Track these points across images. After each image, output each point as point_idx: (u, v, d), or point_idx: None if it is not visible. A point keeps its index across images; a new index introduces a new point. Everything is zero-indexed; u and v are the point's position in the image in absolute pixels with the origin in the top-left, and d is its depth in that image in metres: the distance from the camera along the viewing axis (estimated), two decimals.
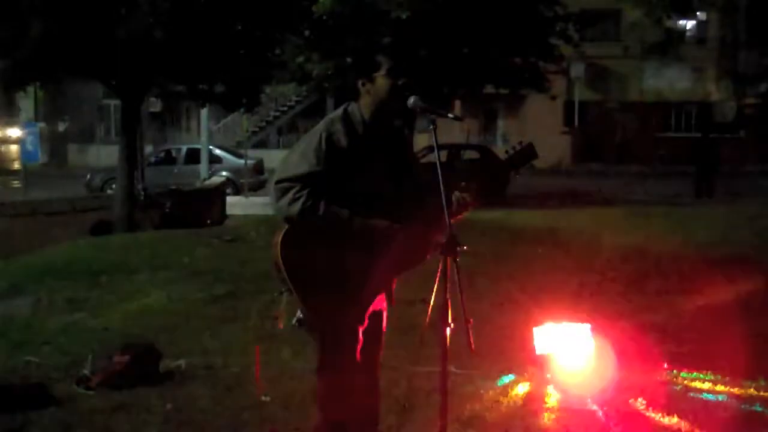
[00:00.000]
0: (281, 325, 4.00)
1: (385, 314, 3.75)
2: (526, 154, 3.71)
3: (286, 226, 3.51)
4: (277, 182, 3.48)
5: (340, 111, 3.63)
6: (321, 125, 3.57)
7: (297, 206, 3.41)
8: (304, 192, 3.41)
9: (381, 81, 3.54)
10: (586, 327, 5.83)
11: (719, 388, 5.28)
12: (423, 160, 4.08)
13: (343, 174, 3.47)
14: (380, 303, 3.68)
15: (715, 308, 7.38)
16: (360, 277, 3.50)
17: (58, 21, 13.09)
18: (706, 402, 5.09)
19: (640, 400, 5.12)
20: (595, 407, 5.04)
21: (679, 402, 5.07)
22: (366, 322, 3.59)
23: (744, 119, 34.81)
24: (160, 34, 13.25)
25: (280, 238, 3.50)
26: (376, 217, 3.49)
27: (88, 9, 13.14)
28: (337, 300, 3.49)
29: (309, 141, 3.53)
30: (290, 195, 3.42)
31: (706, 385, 5.35)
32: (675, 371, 5.58)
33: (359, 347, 3.59)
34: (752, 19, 34.16)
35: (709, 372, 5.52)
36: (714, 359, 5.78)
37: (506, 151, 3.77)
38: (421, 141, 19.10)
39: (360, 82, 3.60)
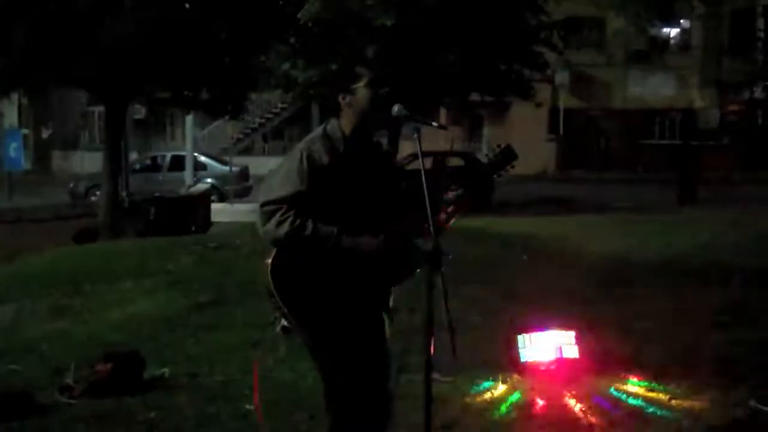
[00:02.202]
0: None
1: (386, 325, 3.71)
2: (506, 156, 3.69)
3: (275, 251, 3.46)
4: (262, 206, 3.45)
5: (319, 131, 3.60)
6: (301, 145, 3.54)
7: (284, 228, 3.38)
8: (291, 213, 3.38)
9: (362, 92, 3.52)
10: (570, 334, 5.86)
11: (699, 397, 5.28)
12: (408, 168, 4.08)
13: (327, 191, 3.45)
14: (379, 316, 3.66)
15: (700, 315, 7.41)
16: (355, 293, 3.48)
17: (41, 28, 13.03)
18: (688, 411, 5.10)
19: (623, 407, 5.14)
20: (579, 414, 5.05)
21: (662, 410, 5.09)
22: (367, 336, 3.57)
23: (728, 126, 35.01)
24: (144, 42, 13.20)
25: (269, 263, 3.45)
26: (364, 233, 3.46)
27: (72, 16, 13.09)
28: (335, 319, 3.46)
29: (290, 162, 3.50)
30: (277, 217, 3.39)
31: (687, 394, 5.36)
32: (657, 379, 5.59)
33: (366, 362, 3.55)
34: (735, 26, 34.40)
35: (691, 381, 5.54)
36: (697, 367, 5.81)
37: (486, 155, 3.76)
38: (405, 149, 19.10)
39: (341, 96, 3.57)
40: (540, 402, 5.25)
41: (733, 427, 4.85)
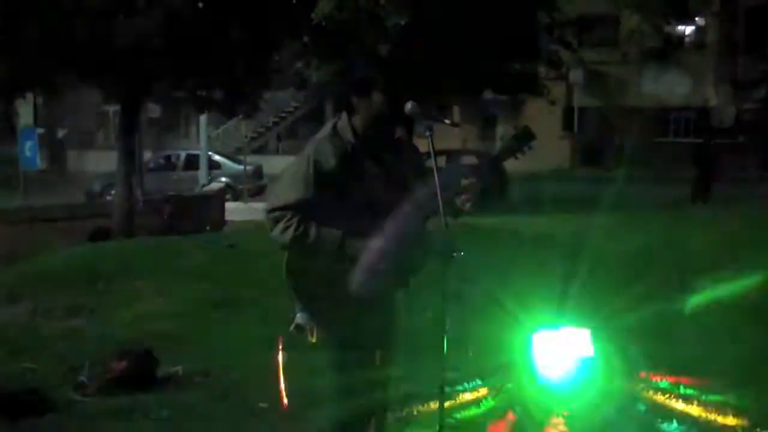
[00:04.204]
0: None
1: (395, 323, 3.72)
2: (524, 136, 3.58)
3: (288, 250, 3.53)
4: (269, 212, 3.50)
5: (328, 129, 3.57)
6: (309, 148, 3.53)
7: (288, 234, 3.43)
8: (295, 219, 3.43)
9: (377, 97, 3.50)
10: (585, 332, 5.82)
11: (711, 397, 5.24)
12: None
13: (335, 193, 3.46)
14: (390, 314, 3.67)
15: (715, 313, 7.36)
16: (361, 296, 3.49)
17: (54, 28, 13.08)
18: (705, 410, 5.06)
19: (637, 406, 5.11)
20: (593, 415, 5.02)
21: (680, 411, 5.05)
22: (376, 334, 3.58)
23: (743, 125, 34.82)
24: (158, 41, 13.24)
25: (284, 261, 3.53)
26: (371, 236, 3.46)
27: (85, 15, 13.13)
28: (344, 317, 3.48)
29: (297, 166, 3.52)
30: (282, 224, 3.45)
31: (700, 395, 5.31)
32: (673, 380, 5.55)
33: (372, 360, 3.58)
34: (751, 24, 34.20)
35: (709, 381, 5.50)
36: (715, 368, 5.77)
37: (500, 138, 3.67)
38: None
39: (354, 98, 3.54)
40: (554, 402, 5.22)
41: (751, 429, 4.81)
